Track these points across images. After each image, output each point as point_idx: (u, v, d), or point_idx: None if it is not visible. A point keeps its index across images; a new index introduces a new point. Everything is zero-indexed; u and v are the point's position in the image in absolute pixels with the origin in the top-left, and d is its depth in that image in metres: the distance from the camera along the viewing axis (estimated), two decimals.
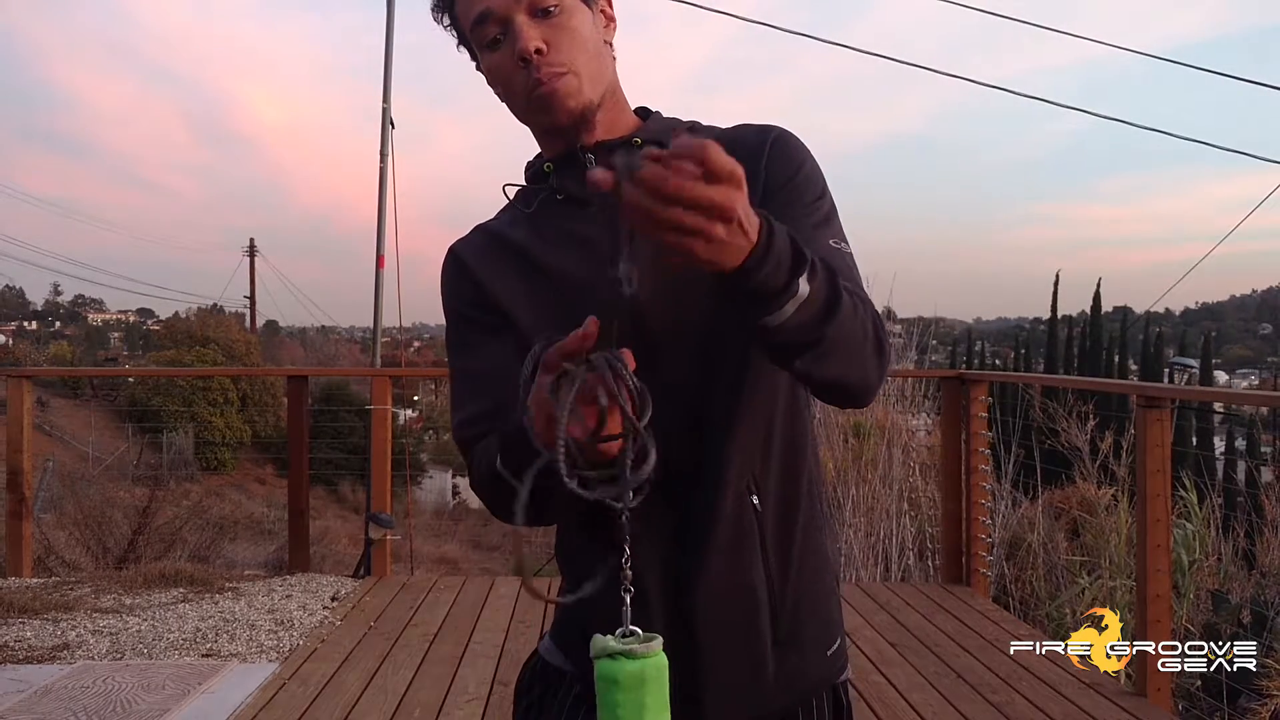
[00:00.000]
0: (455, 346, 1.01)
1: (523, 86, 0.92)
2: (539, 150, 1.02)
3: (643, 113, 1.02)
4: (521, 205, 1.00)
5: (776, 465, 0.95)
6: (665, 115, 1.02)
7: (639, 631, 0.77)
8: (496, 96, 0.98)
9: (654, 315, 0.87)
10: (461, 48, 1.00)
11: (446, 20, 0.99)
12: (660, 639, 0.77)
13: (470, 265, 1.00)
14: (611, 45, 0.99)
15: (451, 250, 1.03)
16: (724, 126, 1.00)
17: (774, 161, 0.94)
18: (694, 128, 1.00)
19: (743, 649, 0.94)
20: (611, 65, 0.98)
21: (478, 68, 0.99)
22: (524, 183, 1.02)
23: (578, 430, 0.70)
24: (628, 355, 0.72)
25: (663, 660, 0.77)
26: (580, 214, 0.96)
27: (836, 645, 1.01)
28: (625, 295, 0.68)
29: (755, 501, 0.93)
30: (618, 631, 0.77)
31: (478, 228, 1.04)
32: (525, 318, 0.95)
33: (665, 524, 0.92)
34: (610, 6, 1.00)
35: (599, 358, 0.70)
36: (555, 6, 0.91)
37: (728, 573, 0.93)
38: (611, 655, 0.75)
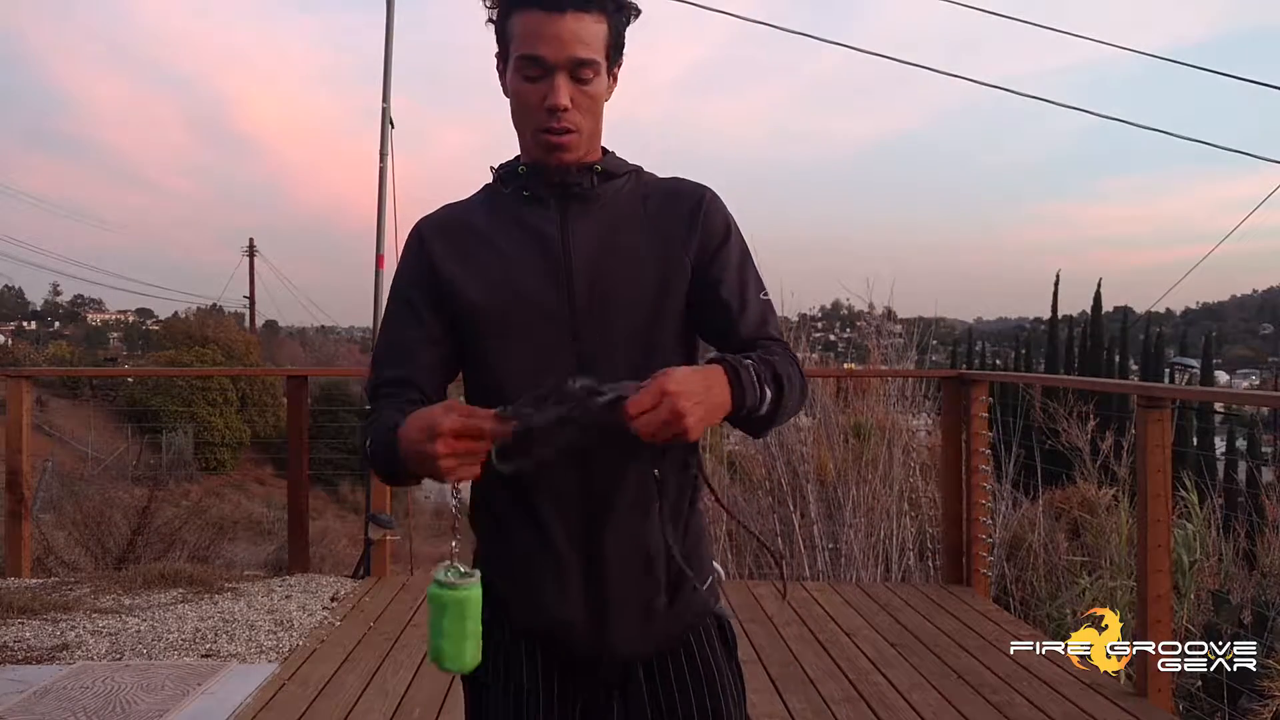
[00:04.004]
0: (390, 315, 1.21)
1: (538, 123, 1.12)
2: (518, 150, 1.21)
3: (603, 150, 1.22)
4: (502, 187, 1.20)
5: (677, 448, 1.15)
6: (618, 155, 1.23)
7: (462, 570, 1.01)
8: (503, 93, 1.18)
9: (590, 328, 1.13)
10: (490, 25, 1.17)
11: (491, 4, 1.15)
12: (475, 577, 1.00)
13: (429, 243, 1.19)
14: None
15: (417, 226, 1.22)
16: (661, 176, 1.24)
17: (709, 219, 1.19)
18: (638, 171, 1.23)
19: (643, 592, 1.14)
20: (602, 120, 1.18)
21: (499, 56, 1.17)
22: (497, 173, 1.23)
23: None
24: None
25: (463, 595, 0.99)
26: (537, 210, 1.17)
27: (709, 581, 1.23)
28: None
29: (656, 473, 1.13)
30: (446, 564, 1.02)
31: (446, 207, 1.24)
32: (473, 289, 1.15)
33: (575, 488, 1.12)
34: (619, 70, 1.20)
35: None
36: (589, 76, 1.11)
37: (631, 529, 1.13)
38: (435, 583, 1.00)
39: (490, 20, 1.16)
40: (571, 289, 1.13)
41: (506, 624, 1.17)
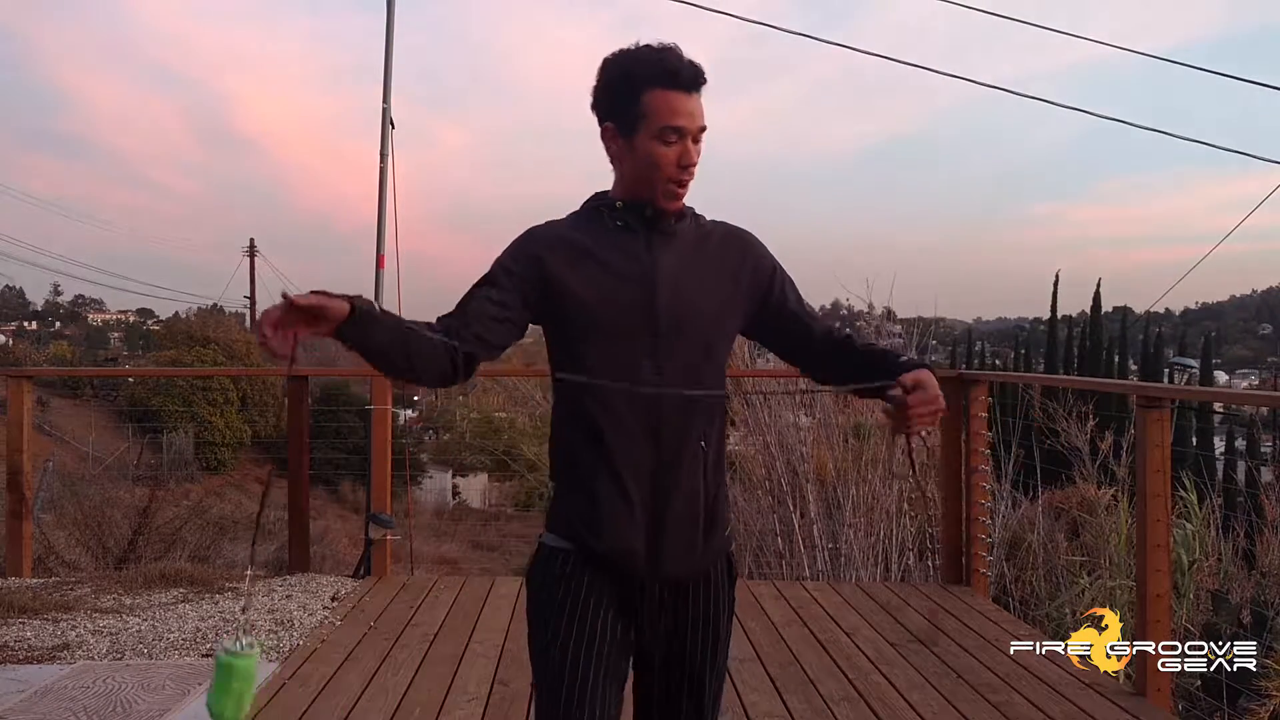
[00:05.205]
0: (487, 279, 1.47)
1: (670, 177, 1.45)
2: (611, 188, 1.52)
3: None
4: (609, 217, 1.50)
5: (717, 424, 1.52)
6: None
7: (251, 643, 1.20)
8: (612, 155, 1.49)
9: (665, 331, 1.45)
10: (592, 99, 1.49)
11: (619, 85, 1.44)
12: (257, 650, 1.21)
13: (538, 244, 1.50)
14: None
15: (531, 230, 1.53)
16: (708, 218, 1.56)
17: (758, 259, 1.56)
18: (693, 212, 1.54)
19: (691, 532, 1.48)
20: None
21: (616, 125, 1.46)
22: (591, 205, 1.53)
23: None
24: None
25: (243, 664, 1.18)
26: (629, 236, 1.49)
27: (728, 529, 1.58)
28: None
29: (703, 445, 1.49)
30: (240, 638, 1.20)
31: (550, 222, 1.54)
32: (577, 286, 1.45)
33: (650, 457, 1.45)
34: None
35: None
36: (701, 137, 1.46)
37: (687, 487, 1.47)
38: (225, 650, 1.18)
39: (597, 99, 1.47)
40: (655, 300, 1.45)
41: (580, 552, 1.47)
